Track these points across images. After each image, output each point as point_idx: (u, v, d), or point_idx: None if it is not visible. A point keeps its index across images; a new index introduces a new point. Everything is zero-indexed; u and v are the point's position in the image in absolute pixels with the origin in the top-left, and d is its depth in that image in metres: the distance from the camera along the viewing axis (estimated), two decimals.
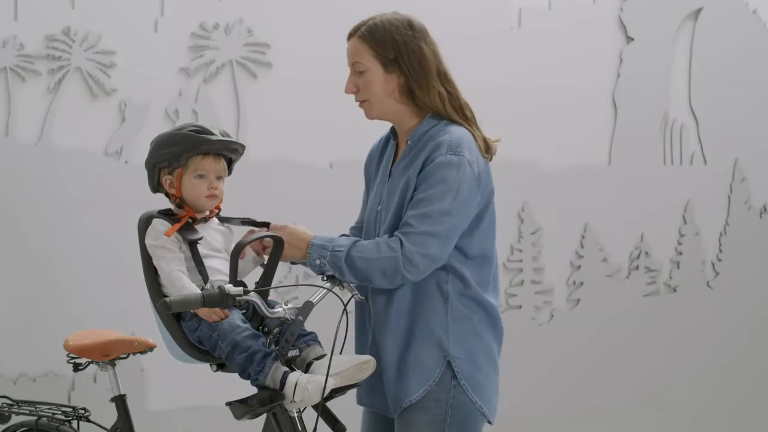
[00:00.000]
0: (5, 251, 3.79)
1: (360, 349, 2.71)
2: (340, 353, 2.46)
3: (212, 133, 2.57)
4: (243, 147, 2.66)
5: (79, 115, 3.86)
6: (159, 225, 2.57)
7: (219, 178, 2.61)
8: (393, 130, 2.75)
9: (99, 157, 3.89)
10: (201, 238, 2.58)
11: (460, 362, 2.57)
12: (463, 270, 2.59)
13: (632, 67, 4.72)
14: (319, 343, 2.52)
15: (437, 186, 2.52)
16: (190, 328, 2.51)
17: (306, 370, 2.46)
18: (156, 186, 2.64)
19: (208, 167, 2.58)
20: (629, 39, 4.72)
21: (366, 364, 2.45)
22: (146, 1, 3.95)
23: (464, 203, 2.53)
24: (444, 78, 2.64)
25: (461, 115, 2.64)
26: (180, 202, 2.61)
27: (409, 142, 2.63)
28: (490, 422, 2.63)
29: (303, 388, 2.35)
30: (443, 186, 2.51)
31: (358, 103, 2.68)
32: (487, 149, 2.63)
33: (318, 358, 2.46)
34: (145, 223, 2.61)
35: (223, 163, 2.62)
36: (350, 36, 2.66)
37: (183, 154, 2.55)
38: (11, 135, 3.78)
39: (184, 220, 2.58)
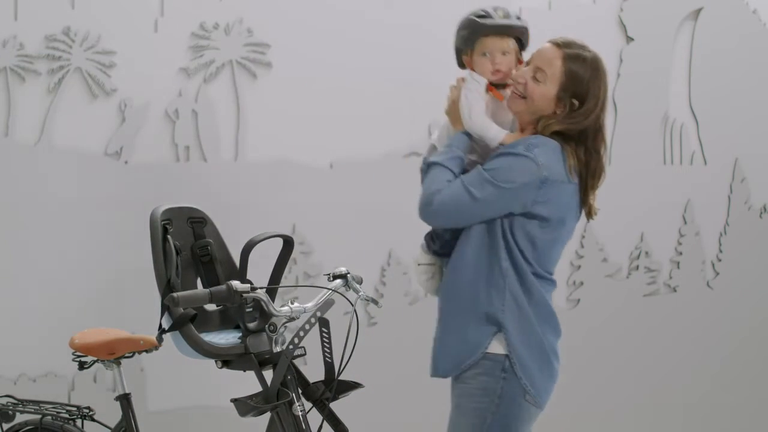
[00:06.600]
0: (5, 251, 3.78)
1: None
2: (351, 352, 2.49)
3: (490, 17, 2.78)
4: (524, 28, 2.79)
5: (79, 115, 3.86)
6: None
7: (505, 53, 2.78)
8: None
9: (99, 157, 3.89)
10: None
11: (510, 335, 2.65)
12: (528, 255, 2.69)
13: (632, 67, 4.72)
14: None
15: (496, 159, 2.66)
16: None
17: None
18: (462, 65, 2.88)
19: (491, 46, 2.79)
20: (629, 39, 4.72)
21: None
22: (146, 1, 3.95)
23: (508, 187, 2.59)
24: (593, 134, 2.71)
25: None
26: None
27: None
28: (539, 407, 2.70)
29: None
30: (501, 160, 2.63)
31: (513, 87, 2.74)
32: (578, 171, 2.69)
33: None
34: None
35: (509, 41, 2.80)
36: (555, 44, 2.70)
37: (470, 37, 2.81)
38: (11, 135, 3.78)
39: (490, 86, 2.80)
